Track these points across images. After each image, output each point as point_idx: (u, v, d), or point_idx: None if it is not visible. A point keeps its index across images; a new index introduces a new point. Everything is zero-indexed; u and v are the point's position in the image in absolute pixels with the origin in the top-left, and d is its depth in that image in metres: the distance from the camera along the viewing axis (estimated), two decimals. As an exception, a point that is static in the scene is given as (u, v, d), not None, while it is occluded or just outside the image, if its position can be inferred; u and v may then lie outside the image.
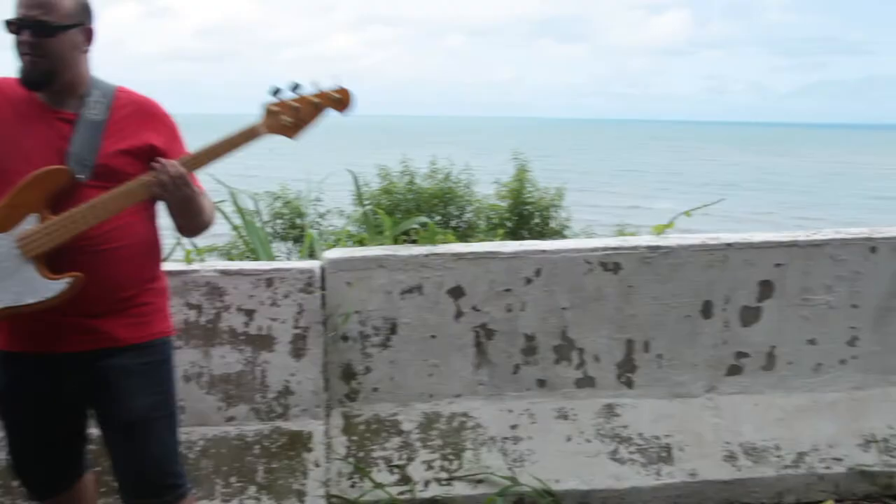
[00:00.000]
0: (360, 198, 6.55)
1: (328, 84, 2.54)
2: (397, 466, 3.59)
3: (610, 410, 3.76)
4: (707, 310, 3.78)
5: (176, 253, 4.14)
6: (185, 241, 3.96)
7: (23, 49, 2.35)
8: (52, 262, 2.36)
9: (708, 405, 3.80)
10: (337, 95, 2.52)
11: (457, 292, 3.70)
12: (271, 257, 4.81)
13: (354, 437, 3.65)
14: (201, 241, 4.54)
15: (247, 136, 2.47)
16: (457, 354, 3.73)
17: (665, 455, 3.67)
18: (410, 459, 3.61)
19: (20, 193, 2.33)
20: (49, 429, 2.62)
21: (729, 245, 3.77)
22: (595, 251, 3.76)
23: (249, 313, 3.59)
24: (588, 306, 3.75)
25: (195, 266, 3.64)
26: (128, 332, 2.50)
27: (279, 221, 9.68)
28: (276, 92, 2.47)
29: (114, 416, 2.52)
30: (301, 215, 9.33)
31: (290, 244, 9.17)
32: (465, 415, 3.72)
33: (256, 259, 4.89)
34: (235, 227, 5.28)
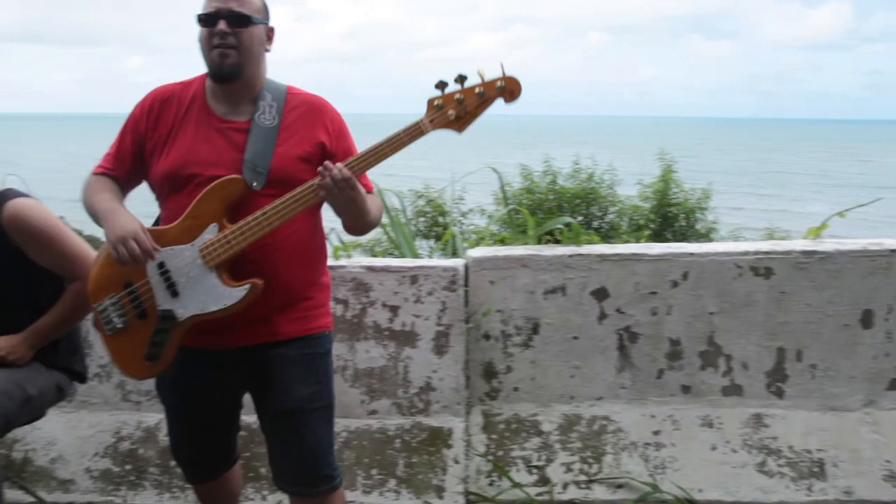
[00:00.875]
0: (504, 197, 6.56)
1: (493, 74, 2.43)
2: (536, 467, 3.58)
3: (758, 420, 3.62)
4: (867, 319, 3.59)
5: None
6: (332, 237, 4.08)
7: (215, 41, 2.40)
8: (231, 268, 2.43)
9: (866, 420, 3.61)
10: (501, 83, 2.41)
11: (601, 294, 3.65)
12: (415, 255, 4.88)
13: (494, 436, 3.66)
14: (346, 236, 4.67)
15: (412, 133, 2.41)
16: (599, 357, 3.69)
17: (817, 470, 3.50)
18: (550, 460, 3.59)
19: (199, 204, 2.40)
20: (208, 417, 2.74)
21: (893, 251, 3.57)
22: (746, 255, 3.63)
23: (394, 309, 3.66)
24: (737, 312, 3.62)
25: (342, 262, 3.74)
26: (292, 326, 2.57)
27: (422, 219, 9.80)
28: (440, 85, 2.40)
29: (274, 404, 2.60)
30: (443, 213, 9.42)
31: (431, 242, 9.27)
32: (606, 418, 3.67)
33: (400, 256, 4.98)
34: (381, 225, 5.37)
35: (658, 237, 10.86)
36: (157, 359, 2.48)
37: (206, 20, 2.42)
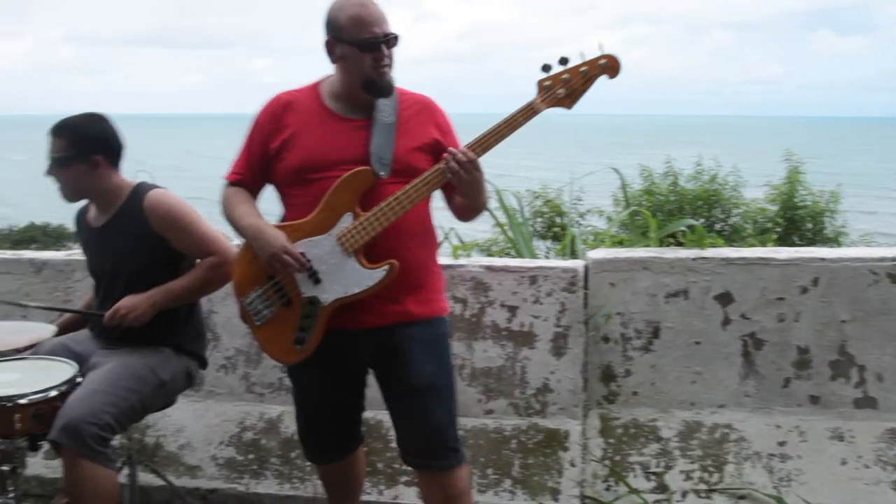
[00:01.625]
0: (626, 198, 6.46)
1: (593, 53, 2.56)
2: (654, 473, 3.51)
3: (894, 436, 3.45)
4: None
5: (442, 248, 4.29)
6: (451, 236, 4.10)
7: (378, 64, 2.57)
8: (366, 252, 2.58)
9: None
10: (603, 61, 2.54)
11: (725, 298, 3.55)
12: (534, 255, 4.86)
13: (611, 440, 3.61)
14: (465, 236, 4.69)
15: (526, 113, 2.56)
16: (722, 363, 3.58)
17: (958, 490, 3.31)
18: (668, 467, 3.51)
19: (333, 196, 2.57)
20: (337, 395, 2.86)
21: None
22: (883, 261, 3.47)
23: (512, 309, 3.65)
24: (871, 320, 3.46)
25: (462, 261, 3.75)
26: (418, 307, 2.70)
27: (539, 220, 9.74)
28: (546, 68, 2.54)
29: (403, 381, 2.71)
30: (561, 214, 9.34)
31: (548, 242, 9.20)
32: (728, 426, 3.57)
33: (518, 256, 4.97)
34: (499, 224, 5.38)
35: (783, 241, 10.46)
36: (304, 342, 2.65)
37: (368, 46, 2.57)
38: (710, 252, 3.63)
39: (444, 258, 3.73)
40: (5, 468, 2.77)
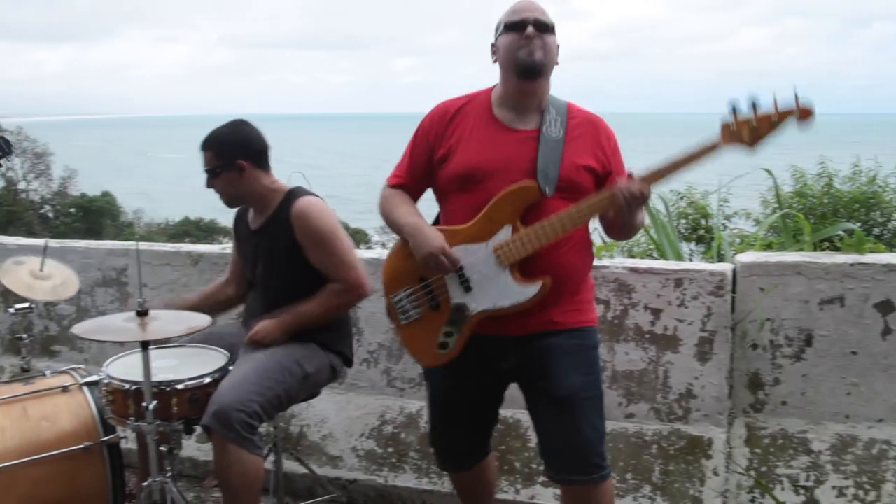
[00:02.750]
0: (779, 201, 6.20)
1: (786, 100, 2.41)
2: (804, 488, 3.35)
3: None
4: None
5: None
6: (595, 237, 4.04)
7: (524, 41, 2.56)
8: (520, 267, 2.57)
9: None
10: (795, 114, 2.40)
11: (885, 307, 3.36)
12: (679, 257, 4.73)
13: (757, 451, 3.47)
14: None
15: (707, 151, 2.48)
16: (881, 375, 3.39)
17: None
18: (819, 482, 3.35)
19: (495, 207, 2.56)
20: (471, 403, 2.85)
21: None
22: None
23: (656, 312, 3.57)
24: None
25: (605, 262, 3.70)
26: (566, 317, 2.66)
27: (682, 221, 9.48)
28: (733, 110, 2.43)
29: (547, 391, 2.67)
30: (706, 216, 9.06)
31: (692, 245, 8.94)
32: (887, 442, 3.37)
33: (661, 258, 4.85)
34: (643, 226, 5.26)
35: (950, 248, 9.80)
36: (447, 348, 2.66)
37: (514, 26, 2.58)
38: (869, 258, 3.43)
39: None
40: (163, 449, 2.92)
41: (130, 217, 45.94)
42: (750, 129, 2.41)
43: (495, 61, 2.67)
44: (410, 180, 2.78)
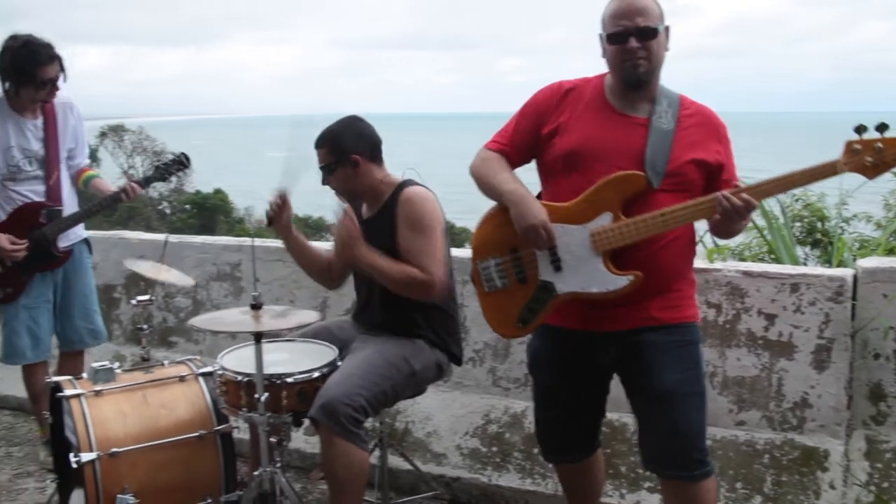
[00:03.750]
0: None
1: None
2: (928, 506, 3.20)
3: None
4: None
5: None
6: (706, 239, 3.95)
7: (627, 56, 2.53)
8: (614, 256, 2.54)
9: None
10: None
11: None
12: (796, 261, 4.58)
13: (878, 465, 3.32)
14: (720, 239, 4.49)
15: (825, 171, 2.41)
16: None
17: None
18: (945, 501, 3.19)
19: (599, 191, 2.53)
20: (576, 399, 2.84)
21: None
22: None
23: (770, 318, 3.46)
24: None
25: (717, 265, 3.60)
26: (664, 313, 2.62)
27: (797, 224, 9.14)
28: (859, 129, 2.35)
29: (646, 386, 2.65)
30: (823, 219, 8.72)
31: (807, 249, 8.62)
32: None
33: (775, 261, 4.70)
34: (756, 227, 5.12)
35: None
36: (528, 323, 2.67)
37: (616, 38, 2.54)
38: None
39: (697, 261, 3.60)
40: (273, 440, 3.00)
41: (241, 214, 47.30)
42: (875, 153, 2.34)
43: (603, 56, 2.63)
44: (512, 149, 2.75)
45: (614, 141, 2.56)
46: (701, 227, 2.76)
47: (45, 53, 3.73)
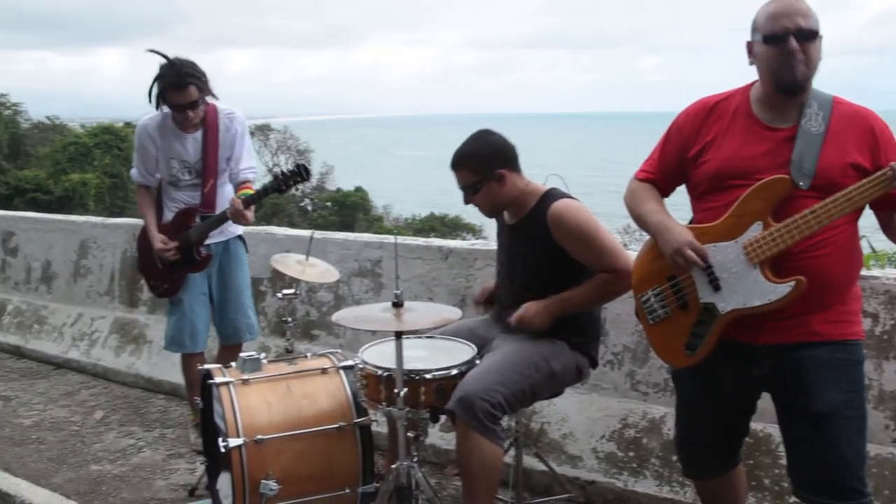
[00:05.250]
0: None
1: None
2: None
3: None
4: None
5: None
6: (863, 243, 3.75)
7: (786, 57, 2.42)
8: (773, 265, 2.45)
9: None
10: None
11: None
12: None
13: None
14: (876, 242, 4.27)
15: None
16: None
17: None
18: None
19: (745, 203, 2.46)
20: (720, 411, 2.73)
21: None
22: None
23: (932, 329, 3.26)
24: None
25: (875, 272, 3.42)
26: (827, 328, 2.49)
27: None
28: None
29: (803, 405, 2.51)
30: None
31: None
32: None
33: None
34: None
35: None
36: (695, 349, 2.58)
37: (775, 38, 2.44)
38: None
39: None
40: (410, 434, 3.04)
41: (380, 212, 48.29)
42: None
43: (751, 63, 2.53)
44: (660, 176, 2.73)
45: (762, 158, 2.47)
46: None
47: (179, 81, 3.91)
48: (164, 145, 4.13)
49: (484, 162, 3.13)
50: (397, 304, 3.01)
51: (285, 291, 3.62)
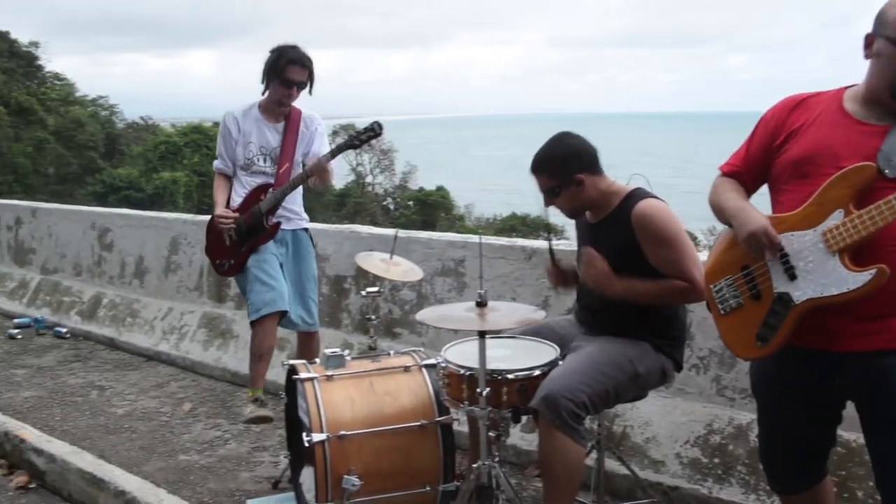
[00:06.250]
0: None
1: None
2: None
3: None
4: None
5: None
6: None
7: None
8: (854, 255, 2.36)
9: None
10: None
11: None
12: None
13: None
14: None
15: None
16: None
17: None
18: None
19: (827, 191, 2.38)
20: (804, 424, 2.63)
21: None
22: None
23: None
24: None
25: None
26: None
27: None
28: None
29: (890, 419, 2.40)
30: None
31: None
32: None
33: None
34: None
35: None
36: (767, 340, 2.50)
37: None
38: None
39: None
40: (492, 434, 3.04)
41: (462, 211, 48.44)
42: None
43: (867, 57, 2.41)
44: (744, 169, 2.66)
45: (847, 147, 2.38)
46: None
47: (298, 58, 4.23)
48: (246, 129, 4.37)
49: (563, 167, 3.10)
50: (481, 304, 3.01)
51: (369, 289, 3.66)
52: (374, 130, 4.00)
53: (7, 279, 8.43)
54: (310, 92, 4.31)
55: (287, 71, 4.19)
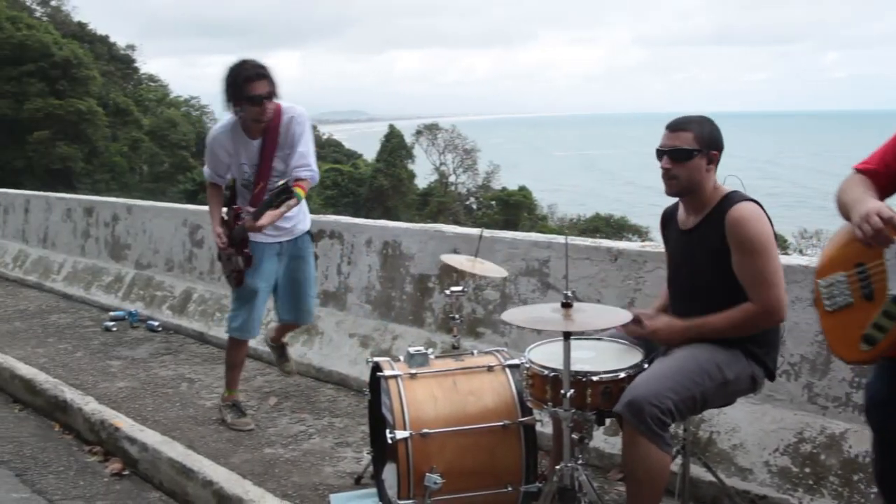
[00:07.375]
0: None
1: None
2: None
3: None
4: None
5: None
6: None
7: None
8: None
9: None
10: None
11: None
12: None
13: None
14: None
15: None
16: None
17: None
18: None
19: None
20: None
21: None
22: None
23: None
24: None
25: None
26: None
27: None
28: None
29: None
30: None
31: None
32: None
33: None
34: None
35: None
36: (874, 344, 2.37)
37: None
38: None
39: None
40: (575, 436, 3.02)
41: (545, 211, 48.19)
42: None
43: None
44: (880, 166, 2.53)
45: None
46: None
47: (254, 72, 4.21)
48: (235, 151, 4.44)
49: (709, 136, 3.05)
50: (567, 305, 2.99)
51: (453, 289, 3.67)
52: (288, 193, 4.06)
53: (104, 273, 8.73)
54: (278, 96, 4.30)
55: (249, 89, 4.19)
